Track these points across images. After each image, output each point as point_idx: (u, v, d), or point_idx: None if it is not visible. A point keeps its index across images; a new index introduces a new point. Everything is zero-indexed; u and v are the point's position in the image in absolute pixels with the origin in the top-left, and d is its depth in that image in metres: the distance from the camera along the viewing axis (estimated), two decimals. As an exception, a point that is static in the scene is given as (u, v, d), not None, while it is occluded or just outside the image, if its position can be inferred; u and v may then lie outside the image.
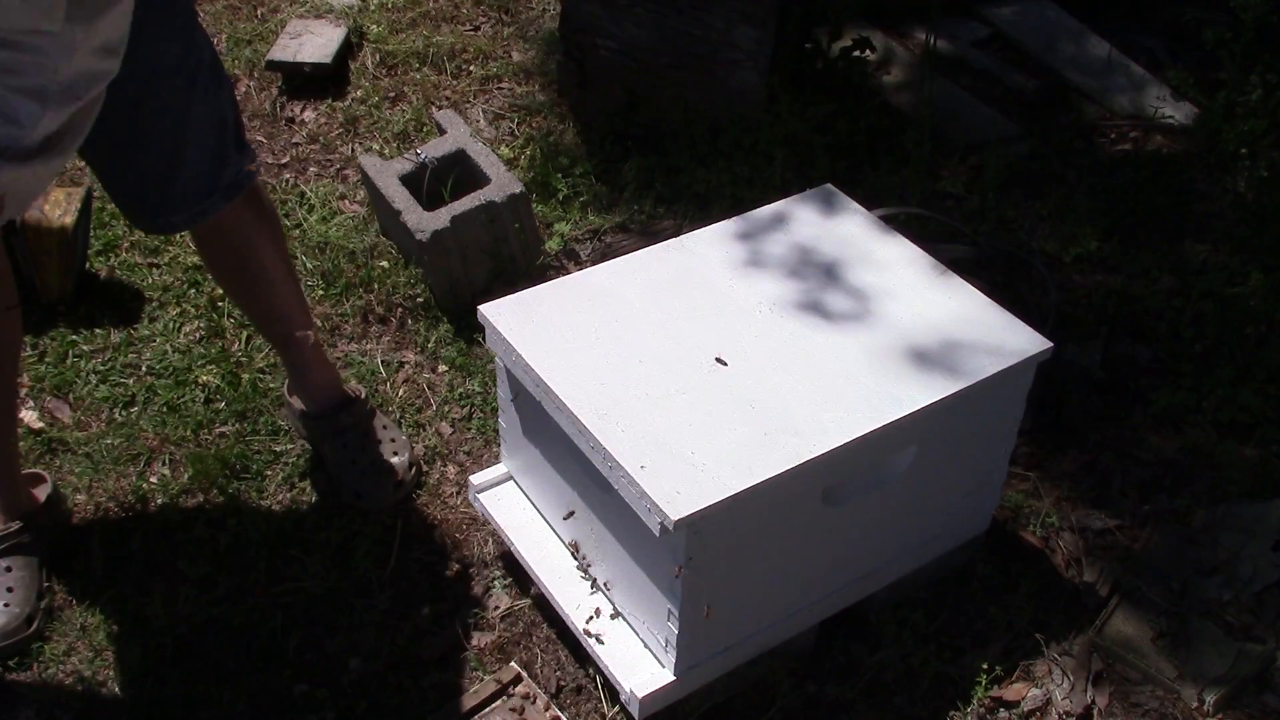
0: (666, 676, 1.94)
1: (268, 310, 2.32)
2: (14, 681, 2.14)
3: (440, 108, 3.43)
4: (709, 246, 2.19)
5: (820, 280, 2.12)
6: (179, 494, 2.43)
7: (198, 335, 2.77)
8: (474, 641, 2.19)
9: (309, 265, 2.93)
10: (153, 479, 2.47)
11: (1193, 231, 3.14)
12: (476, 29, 3.86)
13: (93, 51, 1.47)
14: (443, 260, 2.77)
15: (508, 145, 3.36)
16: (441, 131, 3.04)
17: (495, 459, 2.48)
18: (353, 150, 3.35)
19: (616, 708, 2.06)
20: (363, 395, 2.49)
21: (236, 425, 2.57)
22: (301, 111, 3.49)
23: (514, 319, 2.02)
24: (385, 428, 2.49)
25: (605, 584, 2.05)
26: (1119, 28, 3.89)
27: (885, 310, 2.06)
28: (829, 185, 2.35)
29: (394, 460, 2.43)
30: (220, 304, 2.82)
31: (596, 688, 2.11)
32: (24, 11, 1.34)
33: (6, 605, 2.16)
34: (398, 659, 2.16)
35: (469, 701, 2.06)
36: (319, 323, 2.77)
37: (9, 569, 2.19)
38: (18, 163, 1.42)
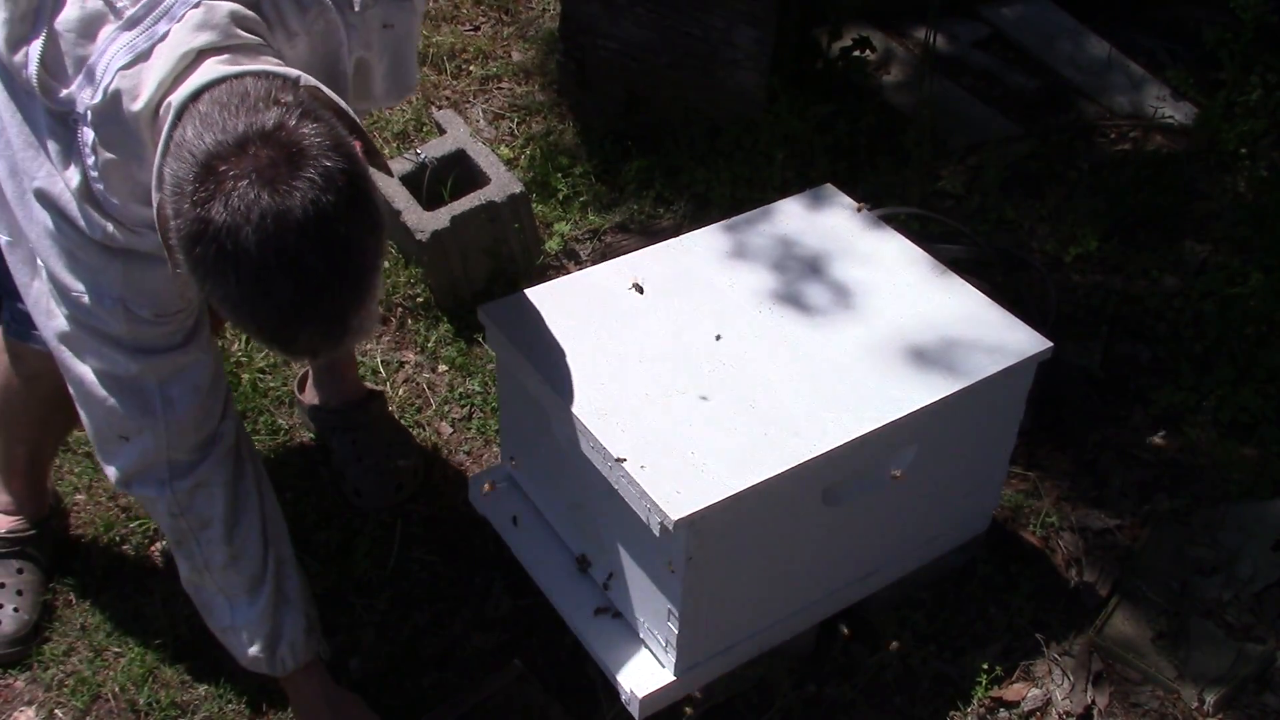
0: (666, 676, 1.94)
1: None
2: (14, 681, 2.14)
3: (440, 108, 3.43)
4: (708, 246, 2.19)
5: (819, 280, 2.12)
6: (179, 494, 2.43)
7: (198, 335, 2.77)
8: (474, 641, 2.19)
9: (309, 265, 2.93)
10: (153, 479, 2.47)
11: (1193, 231, 3.14)
12: (476, 29, 3.86)
13: None
14: (443, 260, 2.77)
15: (508, 145, 3.36)
16: (441, 131, 3.04)
17: (495, 459, 2.49)
18: (353, 150, 3.34)
19: (617, 708, 2.06)
20: (380, 395, 2.51)
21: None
22: (301, 111, 3.49)
23: (514, 319, 2.02)
24: (396, 431, 2.50)
25: (605, 584, 2.05)
26: (1119, 28, 3.89)
27: (885, 310, 2.06)
28: (829, 185, 2.35)
29: (400, 464, 2.43)
30: (220, 304, 2.82)
31: (596, 688, 2.11)
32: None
33: (16, 610, 2.16)
34: (398, 659, 2.16)
35: (469, 700, 2.06)
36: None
37: (20, 570, 2.19)
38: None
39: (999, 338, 2.02)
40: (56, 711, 2.10)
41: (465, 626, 2.22)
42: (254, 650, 1.84)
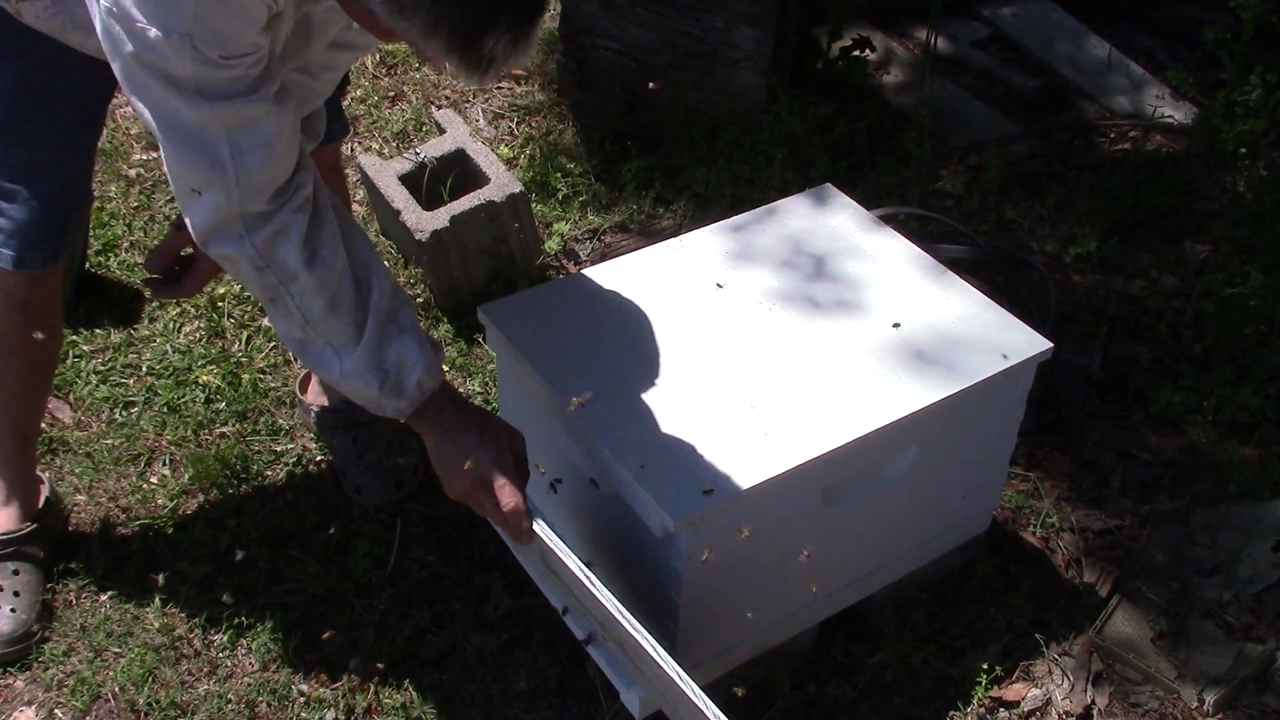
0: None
1: None
2: (14, 681, 2.14)
3: (440, 107, 3.43)
4: (708, 246, 2.19)
5: (819, 280, 2.12)
6: (179, 494, 2.43)
7: (198, 335, 2.77)
8: (474, 641, 2.19)
9: (309, 265, 2.93)
10: (153, 479, 2.47)
11: (1193, 231, 3.14)
12: (476, 29, 3.86)
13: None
14: (442, 260, 2.77)
15: (507, 145, 3.36)
16: (441, 131, 3.04)
17: (495, 459, 2.48)
18: (352, 150, 3.35)
19: (616, 707, 2.06)
20: None
21: (236, 425, 2.57)
22: (301, 111, 3.49)
23: (514, 319, 2.02)
24: (396, 430, 2.49)
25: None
26: (1119, 28, 3.89)
27: (885, 310, 2.06)
28: (829, 185, 2.35)
29: (400, 461, 2.43)
30: (220, 304, 2.82)
31: (596, 688, 2.11)
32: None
33: (14, 610, 2.15)
34: (398, 659, 2.16)
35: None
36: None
37: (16, 572, 2.19)
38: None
39: (999, 338, 2.02)
40: (56, 711, 2.10)
41: (465, 626, 2.22)
42: (372, 392, 1.72)
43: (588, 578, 1.69)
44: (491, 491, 1.73)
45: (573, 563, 1.72)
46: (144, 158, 3.24)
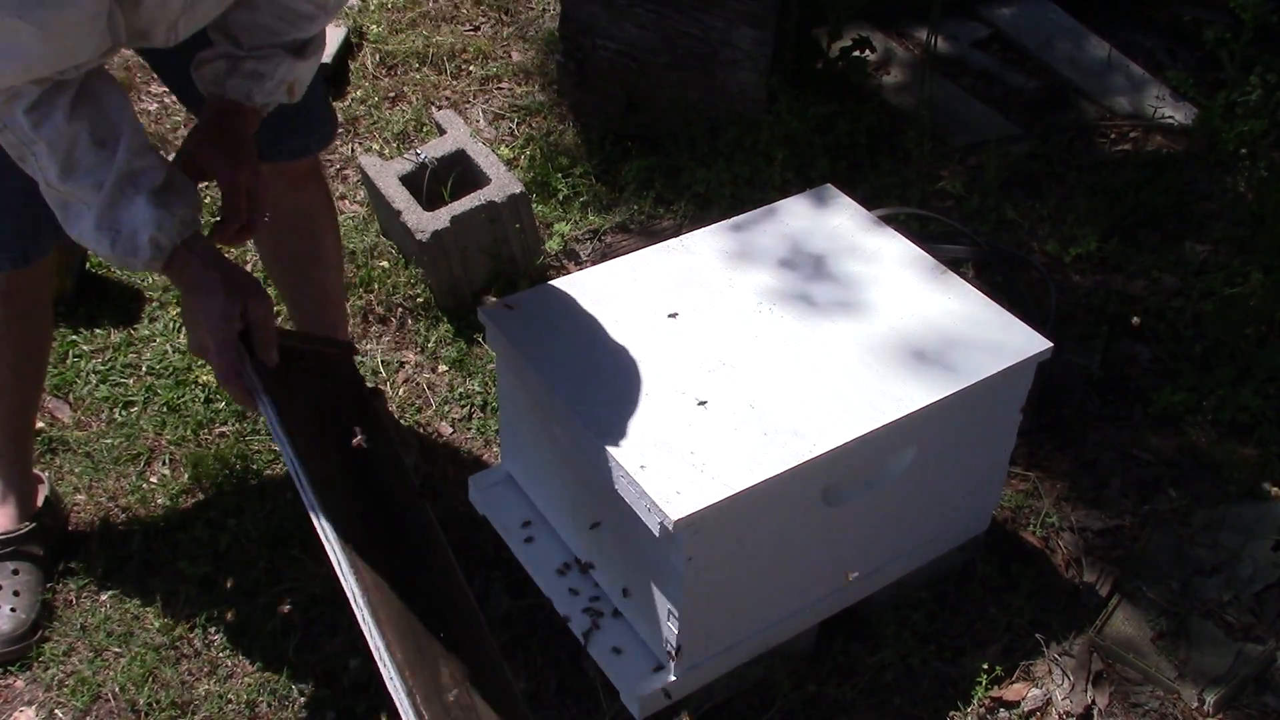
0: (666, 676, 1.94)
1: (322, 296, 2.34)
2: (14, 681, 2.14)
3: (440, 108, 3.43)
4: (708, 246, 2.19)
5: (820, 280, 2.12)
6: (179, 494, 2.43)
7: (198, 335, 2.77)
8: (474, 641, 2.20)
9: (309, 265, 2.93)
10: (153, 479, 2.47)
11: (1193, 231, 3.14)
12: (476, 29, 3.86)
13: None
14: (443, 260, 2.77)
15: (508, 145, 3.36)
16: (441, 131, 3.04)
17: (495, 459, 2.48)
18: (353, 150, 3.35)
19: (617, 707, 2.06)
20: (379, 392, 2.52)
21: (236, 425, 2.57)
22: (301, 111, 3.49)
23: (514, 319, 2.02)
24: (396, 429, 2.49)
25: (606, 584, 2.05)
26: (1119, 28, 3.89)
27: (885, 310, 2.06)
28: (829, 185, 2.35)
29: None
30: (220, 304, 2.82)
31: (596, 688, 2.11)
32: None
33: (14, 610, 2.15)
34: (398, 659, 2.16)
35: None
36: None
37: (15, 571, 2.19)
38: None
39: (999, 338, 2.02)
40: (56, 711, 2.10)
41: (465, 626, 2.22)
42: (105, 249, 1.68)
43: (339, 565, 1.65)
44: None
45: (329, 549, 1.66)
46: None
